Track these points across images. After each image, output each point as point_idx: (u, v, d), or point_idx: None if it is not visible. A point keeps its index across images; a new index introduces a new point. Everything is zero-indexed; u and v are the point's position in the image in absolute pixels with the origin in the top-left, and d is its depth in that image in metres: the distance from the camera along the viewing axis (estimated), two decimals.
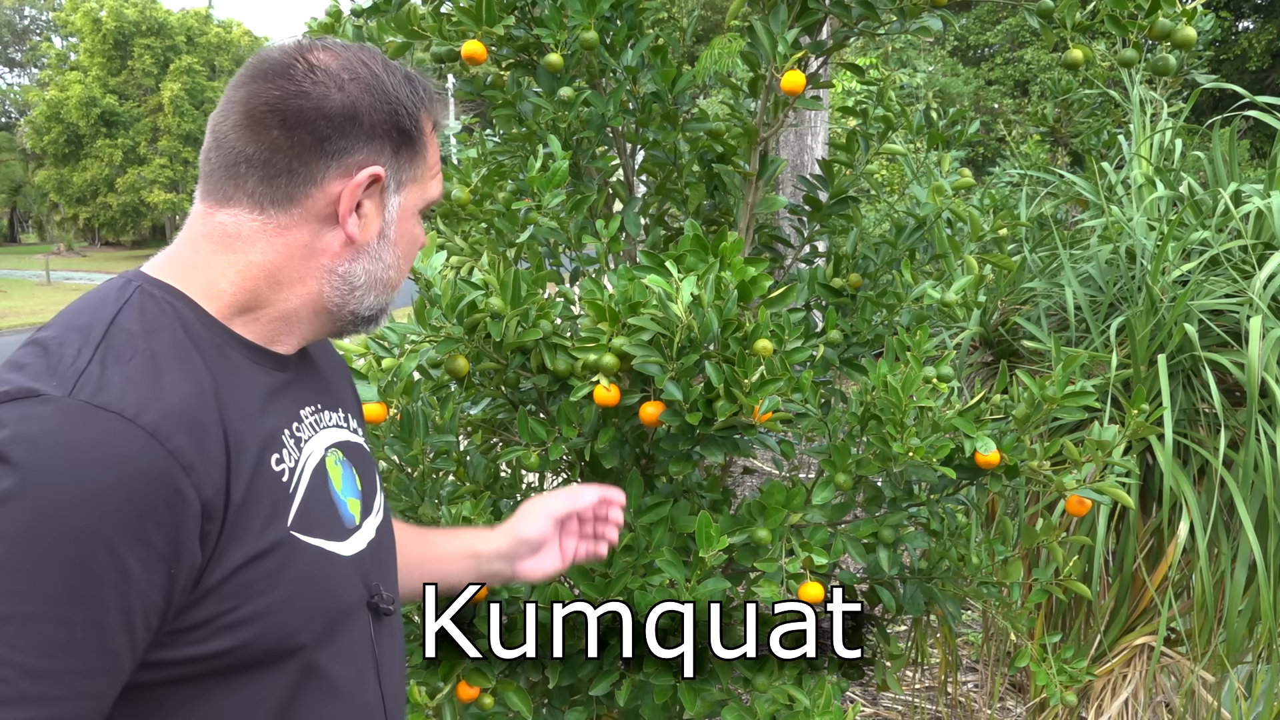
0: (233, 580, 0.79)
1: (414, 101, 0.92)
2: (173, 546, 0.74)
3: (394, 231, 0.94)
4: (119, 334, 0.79)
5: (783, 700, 1.47)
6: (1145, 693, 2.47)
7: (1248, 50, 16.71)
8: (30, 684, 0.69)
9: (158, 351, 0.80)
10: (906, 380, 1.47)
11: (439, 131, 0.97)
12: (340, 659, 0.91)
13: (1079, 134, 4.04)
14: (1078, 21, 1.62)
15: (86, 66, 36.75)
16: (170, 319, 0.83)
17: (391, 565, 1.05)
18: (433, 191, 0.97)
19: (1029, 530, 1.78)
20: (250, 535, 0.80)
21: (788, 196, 4.54)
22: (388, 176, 0.91)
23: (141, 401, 0.75)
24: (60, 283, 26.94)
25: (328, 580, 0.88)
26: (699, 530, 1.36)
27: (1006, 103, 15.79)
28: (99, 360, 0.76)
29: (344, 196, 0.88)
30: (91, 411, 0.73)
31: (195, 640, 0.78)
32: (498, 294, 1.46)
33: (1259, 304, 2.27)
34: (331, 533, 0.90)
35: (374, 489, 1.02)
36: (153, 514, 0.72)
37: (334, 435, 0.97)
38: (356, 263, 0.92)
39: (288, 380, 0.93)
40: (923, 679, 3.27)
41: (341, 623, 0.91)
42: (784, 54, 1.66)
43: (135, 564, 0.72)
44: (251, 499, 0.80)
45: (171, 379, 0.78)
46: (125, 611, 0.72)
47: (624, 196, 1.97)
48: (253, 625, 0.80)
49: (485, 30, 1.62)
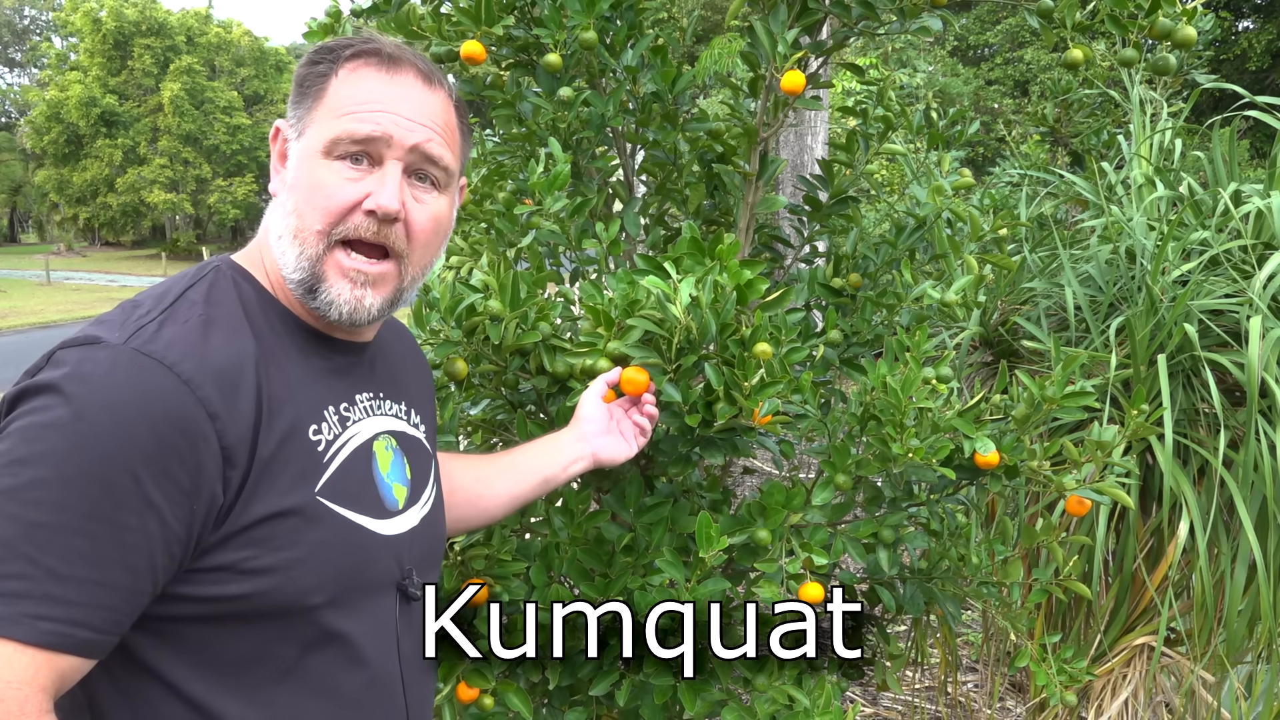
0: (255, 530, 0.85)
1: (325, 51, 0.96)
2: (194, 482, 0.81)
3: (292, 175, 0.96)
4: (184, 303, 0.89)
5: (783, 700, 1.47)
6: (1145, 693, 2.47)
7: (1248, 50, 16.71)
8: (54, 585, 0.76)
9: (213, 318, 0.89)
10: (906, 381, 1.47)
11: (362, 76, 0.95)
12: (364, 630, 0.95)
13: (1079, 134, 4.04)
14: (1078, 21, 1.62)
15: (86, 66, 36.75)
16: (233, 295, 0.92)
17: (432, 555, 1.08)
18: (334, 128, 0.93)
19: (1029, 530, 1.78)
20: (275, 492, 0.86)
21: (788, 196, 4.54)
22: (288, 126, 0.97)
23: (184, 354, 0.84)
24: (60, 283, 26.93)
25: (353, 551, 0.92)
26: (699, 530, 1.36)
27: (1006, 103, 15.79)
28: (159, 320, 0.86)
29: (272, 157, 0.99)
30: (138, 358, 0.82)
31: (216, 581, 0.85)
32: (497, 296, 1.46)
33: (1259, 304, 2.27)
34: (367, 509, 0.94)
35: (425, 481, 1.06)
36: (176, 450, 0.80)
37: (389, 424, 1.02)
38: (273, 215, 0.98)
39: (347, 365, 0.99)
40: (923, 679, 3.27)
41: (367, 595, 0.95)
42: (784, 54, 1.66)
43: (157, 494, 0.80)
44: (280, 458, 0.87)
45: (218, 341, 0.87)
46: (146, 535, 0.80)
47: (624, 197, 1.97)
48: (269, 576, 0.86)
49: (484, 30, 1.62)
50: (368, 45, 0.96)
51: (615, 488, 1.65)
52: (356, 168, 0.93)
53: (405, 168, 0.95)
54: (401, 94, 0.95)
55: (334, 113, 0.93)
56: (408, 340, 1.19)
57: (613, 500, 1.63)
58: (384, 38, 0.99)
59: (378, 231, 0.94)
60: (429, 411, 1.15)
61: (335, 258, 0.93)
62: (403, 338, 1.19)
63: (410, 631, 1.03)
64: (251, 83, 39.47)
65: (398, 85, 0.95)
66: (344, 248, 0.94)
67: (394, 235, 0.95)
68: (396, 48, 0.97)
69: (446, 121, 0.99)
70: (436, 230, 0.99)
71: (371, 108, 0.93)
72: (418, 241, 0.97)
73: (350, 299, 0.94)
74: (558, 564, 1.56)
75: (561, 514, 1.56)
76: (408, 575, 1.00)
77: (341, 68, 0.95)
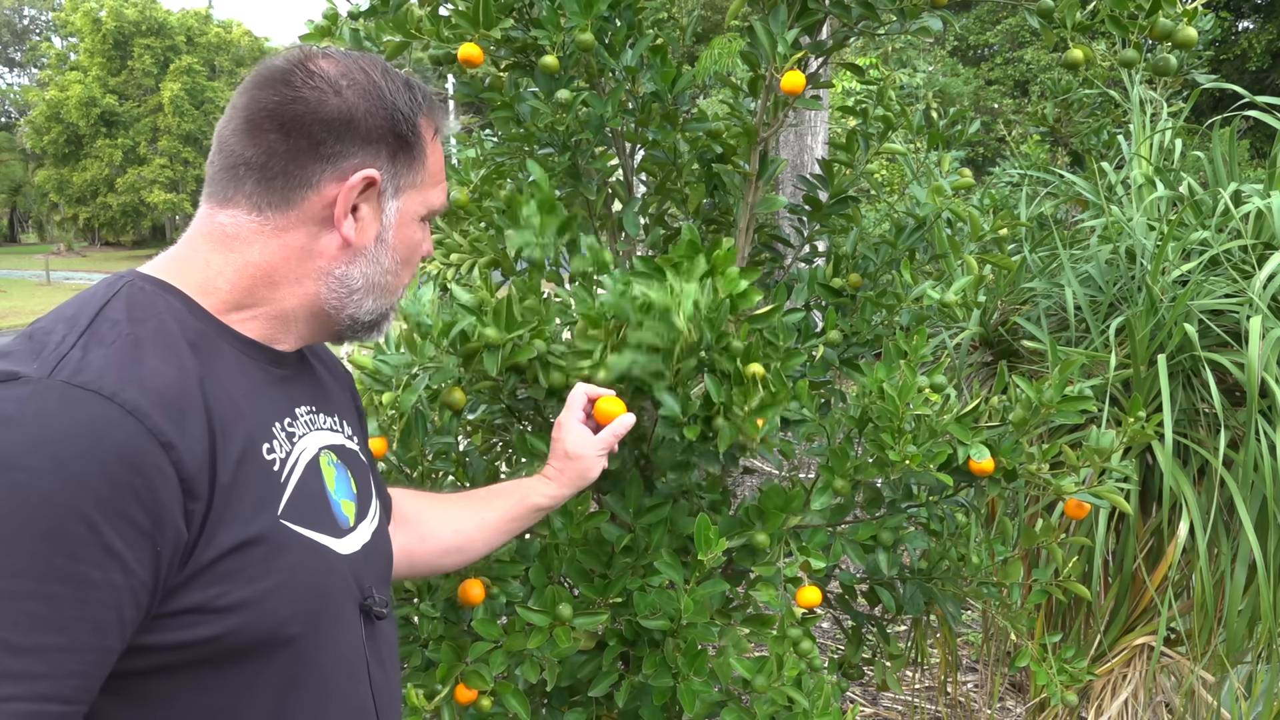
0: (222, 564, 0.78)
1: (411, 107, 0.93)
2: (154, 523, 0.73)
3: (392, 236, 0.95)
4: (104, 322, 0.80)
5: (782, 701, 1.47)
6: (1145, 693, 2.47)
7: (1248, 50, 16.71)
8: (13, 660, 0.68)
9: (141, 337, 0.80)
10: (903, 388, 1.47)
11: (442, 138, 0.98)
12: (332, 658, 0.91)
13: (1079, 134, 4.04)
14: (1078, 21, 1.62)
15: (86, 66, 36.75)
16: (159, 310, 0.84)
17: (385, 570, 1.05)
18: (435, 199, 0.98)
19: (1029, 531, 1.78)
20: (239, 520, 0.80)
21: (788, 196, 4.54)
22: (384, 180, 0.93)
23: (120, 381, 0.75)
24: (60, 283, 26.94)
25: (321, 573, 0.88)
26: (697, 533, 1.36)
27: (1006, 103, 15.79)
28: (81, 345, 0.77)
29: (339, 199, 0.90)
30: (69, 390, 0.73)
31: (185, 625, 0.78)
32: (491, 322, 1.44)
33: (1259, 304, 2.26)
34: (325, 528, 0.90)
35: (369, 495, 1.03)
36: (132, 489, 0.72)
37: (327, 438, 0.98)
38: (354, 266, 0.94)
39: (284, 377, 0.94)
40: (923, 679, 3.27)
41: (334, 620, 0.91)
42: (784, 54, 1.66)
43: (117, 540, 0.71)
44: (240, 483, 0.81)
45: (153, 363, 0.79)
46: (111, 588, 0.72)
47: (623, 196, 1.97)
48: (243, 611, 0.80)
49: (483, 33, 1.61)
50: (438, 97, 0.99)
51: (615, 488, 1.65)
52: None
53: None
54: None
55: (433, 181, 0.98)
56: (324, 350, 1.13)
57: (612, 501, 1.63)
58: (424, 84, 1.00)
59: None
60: (355, 417, 1.12)
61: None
62: (320, 348, 1.13)
63: (378, 655, 1.00)
64: None
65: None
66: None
67: None
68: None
69: None
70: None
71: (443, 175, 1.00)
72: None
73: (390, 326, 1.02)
74: (557, 565, 1.56)
75: (561, 515, 1.55)
76: (368, 593, 0.96)
77: (428, 125, 0.96)
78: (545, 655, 1.48)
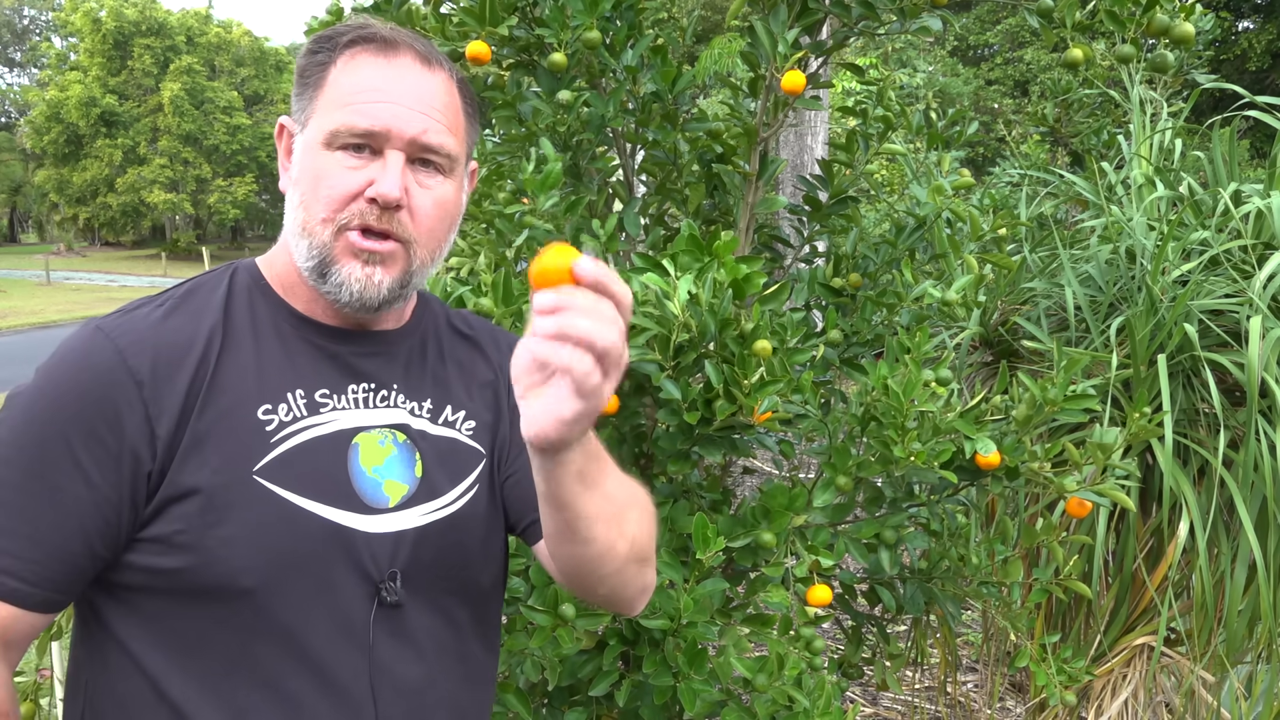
0: (183, 504, 0.86)
1: (323, 40, 0.95)
2: (119, 444, 0.85)
3: (297, 170, 0.96)
4: (180, 291, 0.96)
5: (782, 701, 1.47)
6: (1145, 693, 2.47)
7: (1248, 50, 16.71)
8: None
9: (184, 305, 0.94)
10: (907, 385, 1.47)
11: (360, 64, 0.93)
12: (308, 623, 0.90)
13: (1079, 134, 4.04)
14: (1077, 21, 1.62)
15: (86, 66, 36.77)
16: (223, 286, 0.96)
17: (438, 562, 0.98)
18: (334, 120, 0.92)
19: (1029, 530, 1.78)
20: (207, 467, 0.87)
21: (788, 196, 4.54)
22: (293, 119, 0.97)
23: (131, 329, 0.89)
24: (60, 283, 26.93)
25: (299, 538, 0.90)
26: (696, 532, 1.36)
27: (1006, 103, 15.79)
28: (151, 305, 0.93)
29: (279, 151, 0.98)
30: (94, 332, 0.89)
31: (153, 552, 0.87)
32: (490, 294, 1.45)
33: (1259, 304, 2.26)
34: (329, 498, 0.92)
35: (445, 485, 1.00)
36: (100, 412, 0.85)
37: (397, 417, 0.99)
38: (289, 212, 0.97)
39: (352, 354, 0.98)
40: (923, 679, 3.27)
41: (322, 591, 0.91)
42: (784, 54, 1.66)
43: (85, 455, 0.85)
44: (216, 434, 0.88)
45: (176, 322, 0.91)
46: (75, 497, 0.84)
47: (624, 196, 1.97)
48: (194, 553, 0.86)
49: (489, 31, 1.62)
50: (365, 31, 0.95)
51: None
52: (358, 156, 0.92)
53: (407, 157, 0.93)
54: (400, 80, 0.93)
55: (334, 104, 0.92)
56: (484, 354, 1.09)
57: None
58: (381, 23, 0.96)
59: (380, 217, 0.92)
60: (479, 409, 1.06)
61: (345, 239, 0.92)
62: (480, 351, 1.10)
63: (394, 641, 0.95)
64: (251, 83, 39.48)
65: (396, 70, 0.93)
66: (352, 231, 0.93)
67: (398, 223, 0.93)
68: (393, 30, 0.96)
69: (448, 104, 0.96)
70: (443, 216, 0.97)
71: (370, 98, 0.92)
72: (424, 227, 0.95)
73: (361, 276, 0.93)
74: None
75: None
76: (389, 577, 0.94)
77: (340, 56, 0.94)
78: (546, 654, 1.48)
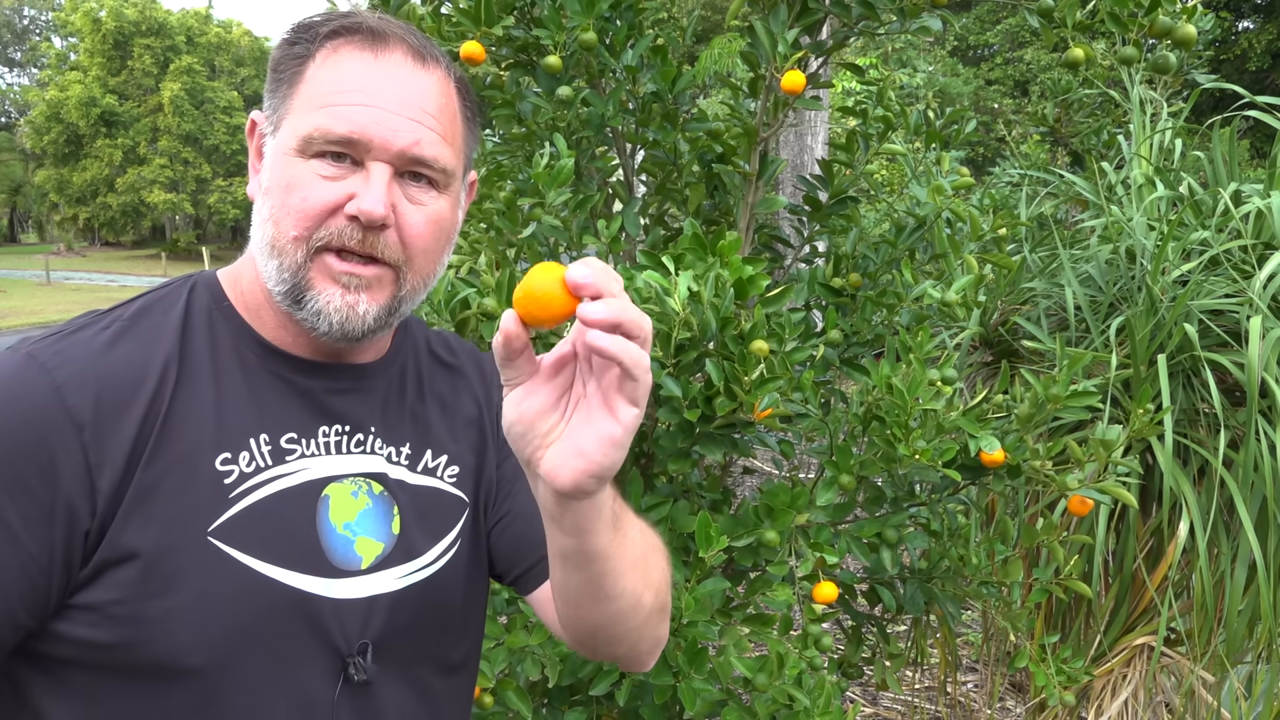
0: (124, 569, 0.73)
1: (302, 29, 0.81)
2: (52, 497, 0.71)
3: (267, 177, 0.80)
4: (129, 309, 0.81)
5: (783, 700, 1.47)
6: (1145, 693, 2.47)
7: (1248, 50, 16.71)
8: None
9: (133, 327, 0.79)
10: (912, 383, 1.47)
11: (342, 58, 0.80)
12: (264, 705, 0.77)
13: (1079, 134, 4.04)
14: (1078, 21, 1.62)
15: (86, 66, 36.79)
16: (180, 306, 0.81)
17: (415, 629, 0.86)
18: (309, 123, 0.78)
19: (1029, 530, 1.78)
20: (154, 525, 0.73)
21: (788, 196, 4.54)
22: (265, 120, 0.83)
23: (70, 359, 0.74)
24: (60, 283, 26.94)
25: (254, 607, 0.76)
26: (698, 531, 1.36)
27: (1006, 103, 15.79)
28: (96, 326, 0.78)
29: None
30: (26, 361, 0.74)
31: (86, 623, 0.73)
32: (491, 294, 1.45)
33: (1259, 304, 2.26)
34: (291, 561, 0.78)
35: (425, 543, 0.87)
36: (31, 458, 0.71)
37: (372, 465, 0.85)
38: (257, 225, 0.82)
39: (324, 390, 0.84)
40: (923, 679, 3.27)
41: (280, 665, 0.78)
42: (784, 54, 1.66)
43: (11, 508, 0.70)
44: (166, 487, 0.74)
45: (124, 351, 0.77)
46: None
47: (624, 196, 1.97)
48: (132, 625, 0.73)
49: (484, 31, 1.62)
50: (349, 20, 0.81)
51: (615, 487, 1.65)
52: (336, 165, 0.78)
53: (395, 169, 0.79)
54: (388, 79, 0.79)
55: (310, 104, 0.78)
56: (468, 385, 0.97)
57: None
58: (369, 13, 0.83)
59: (364, 240, 0.78)
60: (467, 455, 0.93)
61: (323, 261, 0.78)
62: (463, 381, 0.97)
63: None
64: (251, 83, 39.49)
65: (384, 66, 0.79)
66: (330, 253, 0.79)
67: (384, 244, 0.79)
68: (383, 21, 0.82)
69: (443, 108, 0.82)
70: (437, 235, 0.83)
71: (351, 99, 0.77)
72: (415, 249, 0.81)
73: (341, 306, 0.78)
74: None
75: None
76: (359, 650, 0.80)
77: (320, 48, 0.79)
78: (547, 653, 1.48)
